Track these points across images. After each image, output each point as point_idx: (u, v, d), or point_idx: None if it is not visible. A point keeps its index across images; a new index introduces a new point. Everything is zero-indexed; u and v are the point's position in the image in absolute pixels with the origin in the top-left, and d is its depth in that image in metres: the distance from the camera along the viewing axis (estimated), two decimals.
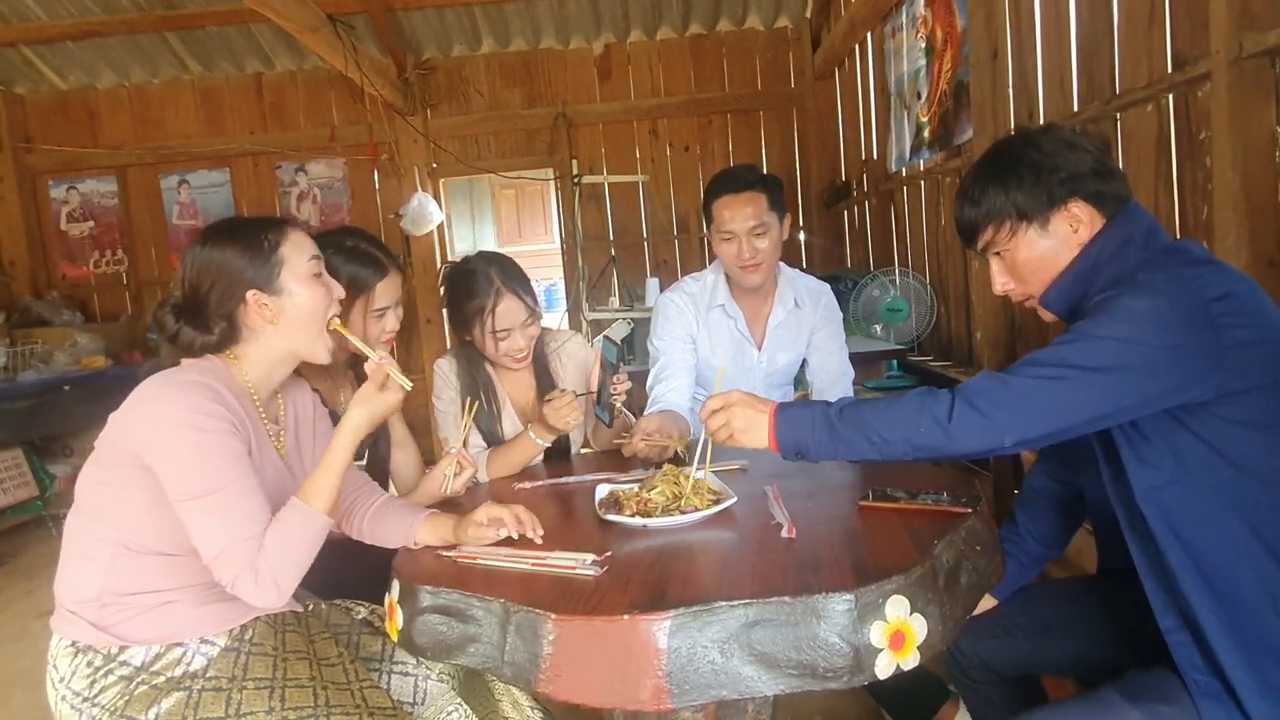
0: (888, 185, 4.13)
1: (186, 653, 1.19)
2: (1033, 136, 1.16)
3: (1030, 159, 1.13)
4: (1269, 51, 1.68)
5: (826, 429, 1.11)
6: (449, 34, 5.14)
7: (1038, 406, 1.00)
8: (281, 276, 1.24)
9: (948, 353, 3.59)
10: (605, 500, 1.33)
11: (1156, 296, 0.98)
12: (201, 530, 1.11)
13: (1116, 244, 1.10)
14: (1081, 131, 1.21)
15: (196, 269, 1.23)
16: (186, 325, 1.22)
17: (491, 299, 1.65)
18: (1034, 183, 1.13)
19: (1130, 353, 0.97)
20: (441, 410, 1.78)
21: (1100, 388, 0.98)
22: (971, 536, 1.15)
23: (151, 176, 5.47)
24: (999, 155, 1.18)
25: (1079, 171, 1.11)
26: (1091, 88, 2.36)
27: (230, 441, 1.14)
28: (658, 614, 0.93)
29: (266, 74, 5.38)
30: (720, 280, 2.05)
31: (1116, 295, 1.01)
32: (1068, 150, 1.13)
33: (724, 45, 5.31)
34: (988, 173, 1.17)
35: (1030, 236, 1.15)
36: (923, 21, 3.46)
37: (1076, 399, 0.99)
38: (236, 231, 1.26)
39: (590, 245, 5.27)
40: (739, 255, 1.91)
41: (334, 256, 1.51)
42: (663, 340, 2.00)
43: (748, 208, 1.88)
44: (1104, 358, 0.97)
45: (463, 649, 1.04)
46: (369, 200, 5.43)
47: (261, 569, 1.11)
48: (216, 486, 1.11)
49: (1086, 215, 1.12)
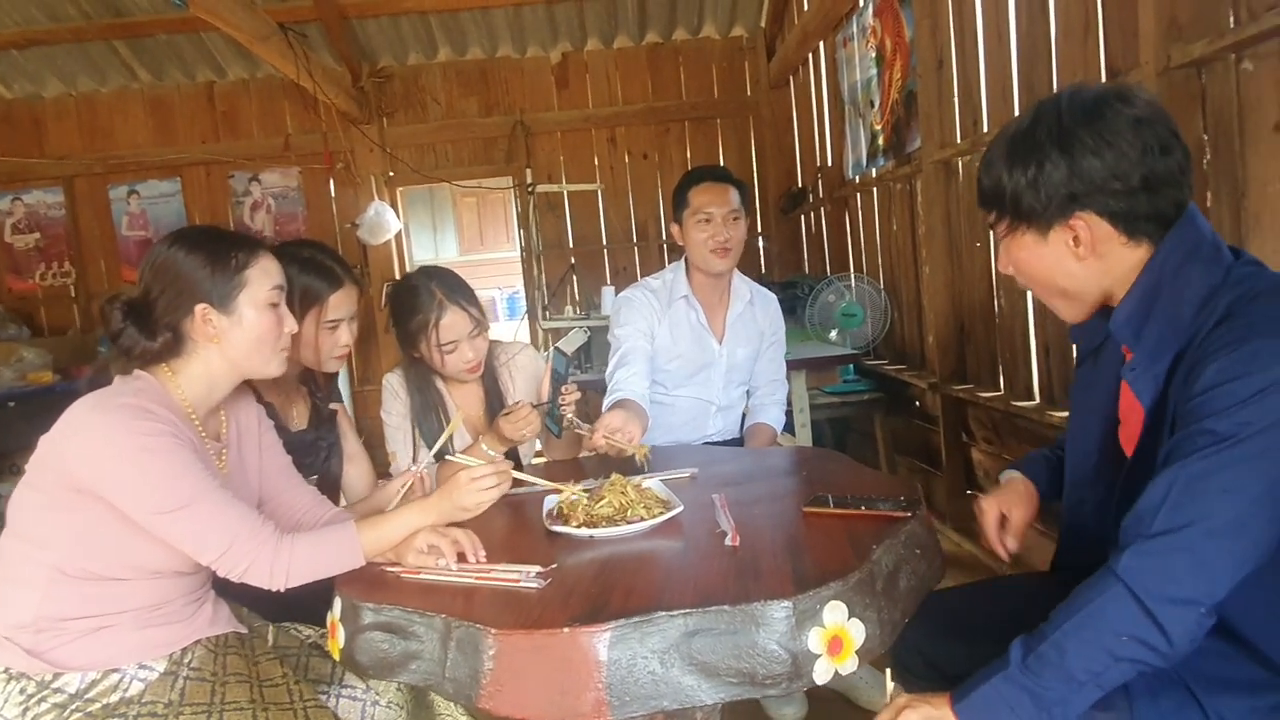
0: (842, 192, 4.20)
1: (123, 678, 1.16)
2: (1064, 127, 0.96)
3: (1045, 153, 0.97)
4: (1195, 63, 1.74)
5: (1030, 699, 0.91)
6: (404, 42, 5.10)
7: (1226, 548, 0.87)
8: (238, 298, 1.22)
9: (902, 357, 3.65)
10: (552, 511, 1.33)
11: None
12: (195, 536, 1.12)
13: (1179, 259, 0.96)
14: (1155, 117, 0.96)
15: (154, 269, 1.21)
16: (132, 326, 1.19)
17: (435, 313, 1.65)
18: (1035, 185, 0.98)
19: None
20: (392, 425, 1.76)
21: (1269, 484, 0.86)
22: (911, 540, 1.17)
23: (100, 187, 5.34)
24: (1025, 132, 1.00)
25: (1102, 186, 0.95)
26: (1031, 96, 2.42)
27: (186, 453, 1.13)
28: (598, 626, 0.93)
29: (219, 82, 5.28)
30: (680, 276, 2.14)
31: (1232, 374, 0.87)
32: (1102, 154, 0.94)
33: (680, 54, 5.35)
34: (1008, 146, 1.01)
35: (1027, 240, 1.03)
36: (872, 32, 3.52)
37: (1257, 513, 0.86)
38: (207, 241, 1.23)
39: (549, 254, 5.26)
40: (714, 236, 2.01)
41: (289, 266, 1.50)
42: (623, 329, 2.06)
43: (726, 195, 2.04)
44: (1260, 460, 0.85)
45: (404, 666, 1.03)
46: (325, 210, 5.35)
47: (279, 562, 1.14)
48: (192, 496, 1.11)
49: (1092, 234, 0.98)
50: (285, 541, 1.15)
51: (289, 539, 1.16)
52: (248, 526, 1.14)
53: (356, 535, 1.18)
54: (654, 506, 1.29)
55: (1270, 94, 1.62)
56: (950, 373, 2.97)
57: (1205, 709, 0.94)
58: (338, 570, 1.19)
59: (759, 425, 2.18)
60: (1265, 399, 0.85)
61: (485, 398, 1.81)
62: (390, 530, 1.21)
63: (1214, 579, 0.87)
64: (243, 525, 1.13)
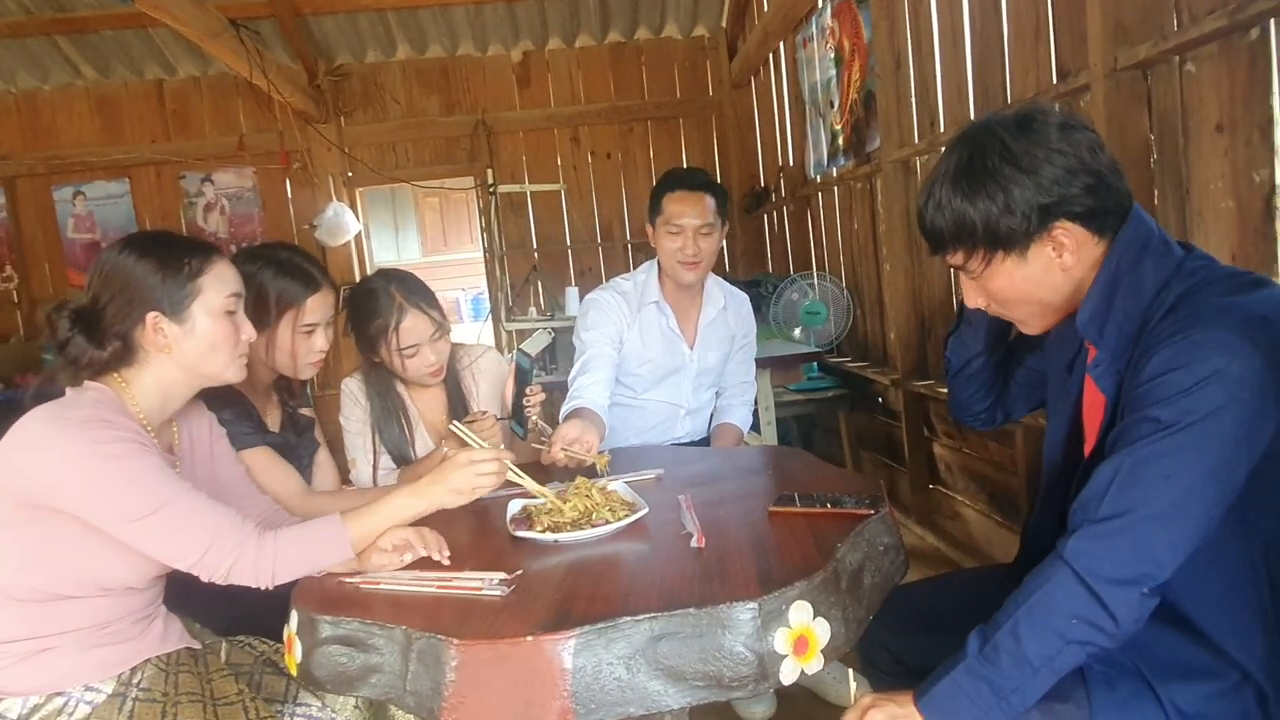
0: (804, 191, 4.24)
1: (69, 702, 1.11)
2: (1009, 147, 0.97)
3: (1004, 176, 0.97)
4: (1140, 64, 1.79)
5: (989, 689, 0.93)
6: (362, 40, 5.02)
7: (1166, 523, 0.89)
8: (191, 306, 1.18)
9: (864, 353, 3.70)
10: (517, 516, 1.31)
11: (1231, 354, 0.87)
12: (171, 540, 1.08)
13: (1133, 254, 0.98)
14: (1075, 122, 1.00)
15: (103, 276, 1.16)
16: (80, 335, 1.14)
17: (395, 316, 1.61)
18: (1008, 208, 0.97)
19: (1226, 417, 0.87)
20: (352, 431, 1.73)
21: (1209, 467, 0.88)
22: (875, 537, 1.18)
23: (43, 187, 5.15)
24: (970, 164, 1.00)
25: (1068, 192, 0.96)
26: (986, 97, 2.47)
27: (152, 458, 1.10)
28: (562, 633, 0.92)
29: (168, 80, 5.13)
30: (652, 279, 2.08)
31: (1175, 361, 0.89)
32: (1054, 161, 0.96)
33: (643, 53, 5.35)
34: (956, 183, 1.01)
35: (1006, 266, 1.02)
36: (831, 32, 3.56)
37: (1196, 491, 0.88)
38: (158, 247, 1.19)
39: (513, 254, 5.22)
40: (683, 250, 1.95)
41: (264, 269, 1.47)
42: (590, 333, 2.00)
43: (699, 205, 1.94)
44: (1205, 438, 0.87)
45: (364, 680, 1.00)
46: (281, 211, 5.24)
47: (263, 559, 1.10)
48: (164, 499, 1.07)
49: (1073, 239, 0.98)
50: (268, 538, 1.12)
51: (272, 534, 1.12)
52: (226, 525, 1.10)
53: (344, 525, 1.15)
54: (619, 509, 1.28)
55: (1211, 95, 1.67)
56: (912, 369, 3.02)
57: (1160, 696, 0.96)
58: (326, 564, 1.16)
59: (726, 425, 2.18)
60: (1206, 388, 0.87)
61: (448, 402, 1.78)
62: (379, 517, 1.17)
63: (1156, 561, 0.89)
64: (220, 524, 1.10)
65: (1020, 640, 0.92)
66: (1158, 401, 0.90)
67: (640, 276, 2.11)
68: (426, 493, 1.19)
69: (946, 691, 0.95)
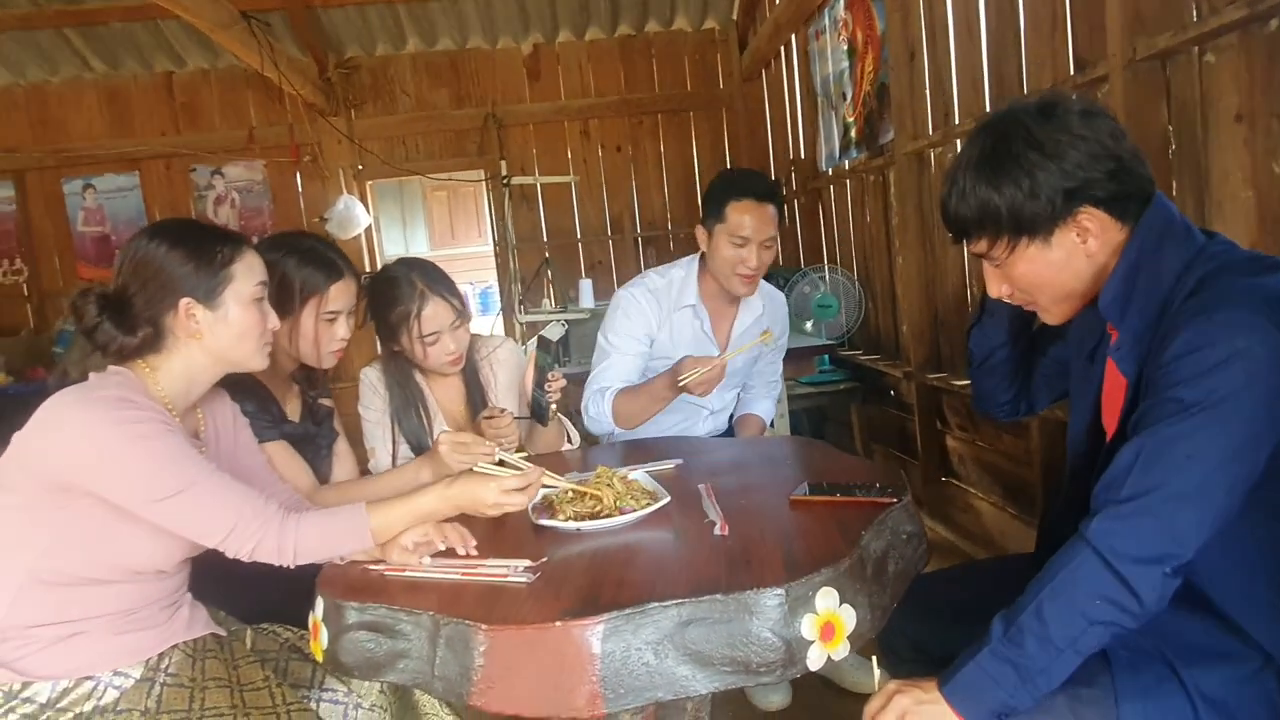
0: (816, 184, 4.22)
1: (98, 686, 1.13)
2: (1033, 133, 0.98)
3: (1029, 161, 0.97)
4: (1159, 54, 1.78)
5: (1014, 671, 0.93)
6: (372, 32, 5.01)
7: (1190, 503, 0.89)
8: (224, 294, 1.20)
9: (877, 347, 3.69)
10: (539, 505, 1.32)
11: (1254, 334, 0.87)
12: (198, 519, 1.09)
13: (1155, 238, 0.99)
14: (1096, 109, 1.01)
15: (135, 263, 1.17)
16: (109, 321, 1.15)
17: (416, 303, 1.62)
18: (1034, 193, 0.97)
19: (1249, 396, 0.87)
20: (371, 421, 1.73)
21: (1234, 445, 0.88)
22: (897, 525, 1.19)
23: (53, 180, 5.16)
24: (994, 151, 1.01)
25: (1092, 177, 0.97)
26: (1001, 88, 2.46)
27: (178, 438, 1.11)
28: (590, 619, 0.92)
29: (178, 73, 5.14)
30: (691, 279, 1.98)
31: (1199, 344, 0.89)
32: (1078, 146, 0.96)
33: (653, 46, 5.34)
34: (980, 170, 1.01)
35: (1030, 252, 1.02)
36: (844, 24, 3.54)
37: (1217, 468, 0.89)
38: (190, 235, 1.20)
39: (523, 247, 5.22)
40: (745, 263, 1.85)
41: (288, 258, 1.48)
42: (617, 337, 1.94)
43: (766, 217, 1.84)
44: (1227, 419, 0.88)
45: (391, 665, 1.01)
46: (291, 204, 5.24)
47: (286, 539, 1.11)
48: (191, 479, 1.08)
49: (1097, 224, 0.99)
50: (291, 519, 1.13)
51: (295, 516, 1.14)
52: (251, 505, 1.11)
53: (367, 515, 1.15)
54: (641, 498, 1.29)
55: (1230, 85, 1.66)
56: (925, 361, 3.01)
57: (1184, 680, 0.97)
58: (346, 550, 1.17)
59: (749, 416, 2.16)
60: (1229, 367, 0.88)
61: (466, 392, 1.79)
62: (401, 514, 1.17)
63: (1179, 540, 0.90)
64: (246, 503, 1.11)
65: (1044, 622, 0.92)
66: (1180, 382, 0.90)
67: (677, 274, 2.00)
68: (454, 501, 1.19)
69: (971, 676, 0.95)
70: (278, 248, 1.49)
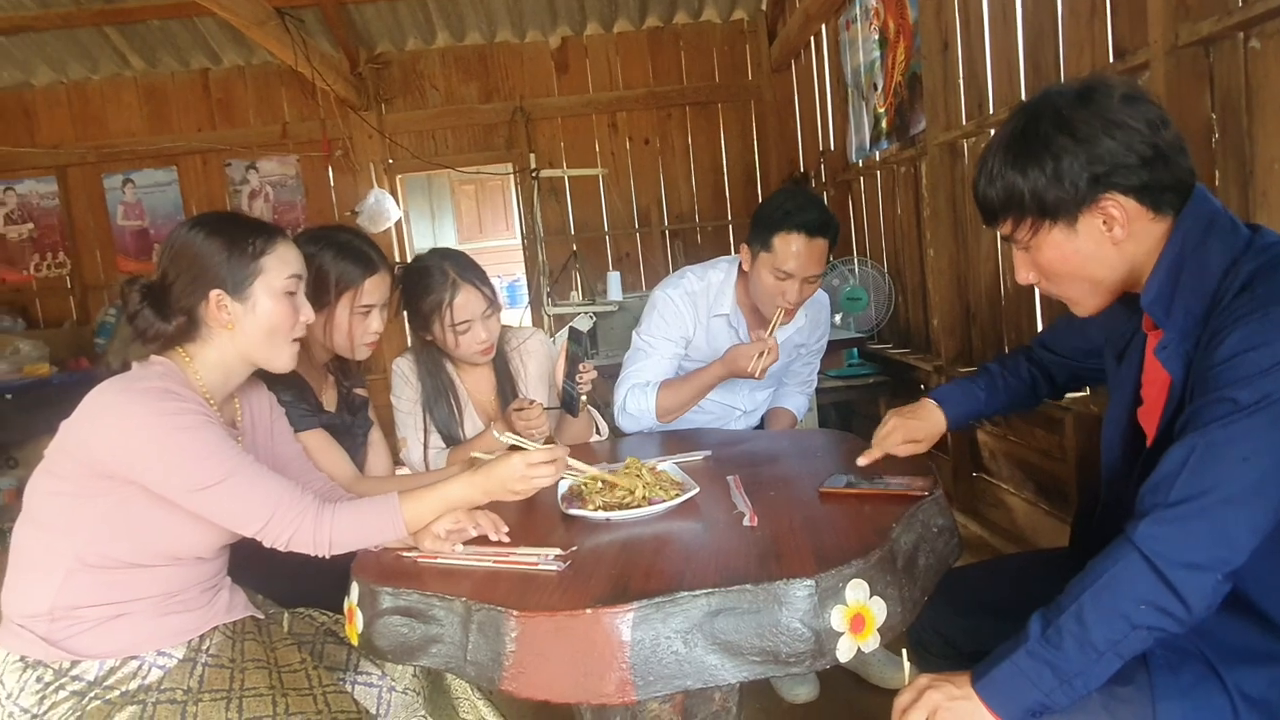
0: (845, 176, 4.18)
1: (142, 666, 1.16)
2: (1064, 117, 0.96)
3: (1057, 145, 0.96)
4: (1203, 41, 1.74)
5: (1051, 672, 0.91)
6: (402, 27, 5.06)
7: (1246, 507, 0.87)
8: (253, 285, 1.22)
9: (906, 340, 3.65)
10: (568, 494, 1.33)
11: None
12: (236, 509, 1.12)
13: (1199, 232, 0.96)
14: (1140, 94, 0.98)
15: (174, 252, 1.21)
16: (148, 309, 1.19)
17: (449, 292, 1.64)
18: (1057, 176, 0.96)
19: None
20: (403, 411, 1.76)
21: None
22: (928, 519, 1.18)
23: (94, 176, 5.29)
24: (1023, 134, 0.99)
25: (1122, 162, 0.94)
26: (1038, 77, 2.41)
27: (216, 429, 1.14)
28: (621, 607, 0.93)
29: (213, 69, 5.23)
30: (729, 285, 1.93)
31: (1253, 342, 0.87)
32: (1111, 132, 0.94)
33: (681, 38, 5.31)
34: (1008, 152, 1.00)
35: (1055, 237, 1.00)
36: (875, 14, 3.50)
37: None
38: (226, 226, 1.23)
39: (551, 240, 5.24)
40: (785, 296, 1.77)
41: (325, 250, 1.51)
42: (652, 337, 1.92)
43: (816, 254, 1.76)
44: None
45: (424, 650, 1.03)
46: (324, 197, 5.32)
47: (321, 531, 1.14)
48: (230, 469, 1.12)
49: (1124, 212, 0.96)
50: (326, 510, 1.16)
51: (330, 507, 1.16)
52: (288, 496, 1.14)
53: (399, 506, 1.17)
54: (670, 489, 1.29)
55: (1277, 72, 1.62)
56: (956, 355, 2.97)
57: (1225, 681, 0.95)
58: (380, 540, 1.19)
59: (780, 409, 2.14)
60: None
61: (496, 382, 1.80)
62: (433, 503, 1.19)
63: (1231, 545, 0.87)
64: (283, 494, 1.14)
65: (1085, 624, 0.91)
66: (1234, 381, 0.88)
67: (716, 277, 1.94)
68: (484, 488, 1.20)
69: (1007, 674, 0.93)
70: (315, 241, 1.52)
